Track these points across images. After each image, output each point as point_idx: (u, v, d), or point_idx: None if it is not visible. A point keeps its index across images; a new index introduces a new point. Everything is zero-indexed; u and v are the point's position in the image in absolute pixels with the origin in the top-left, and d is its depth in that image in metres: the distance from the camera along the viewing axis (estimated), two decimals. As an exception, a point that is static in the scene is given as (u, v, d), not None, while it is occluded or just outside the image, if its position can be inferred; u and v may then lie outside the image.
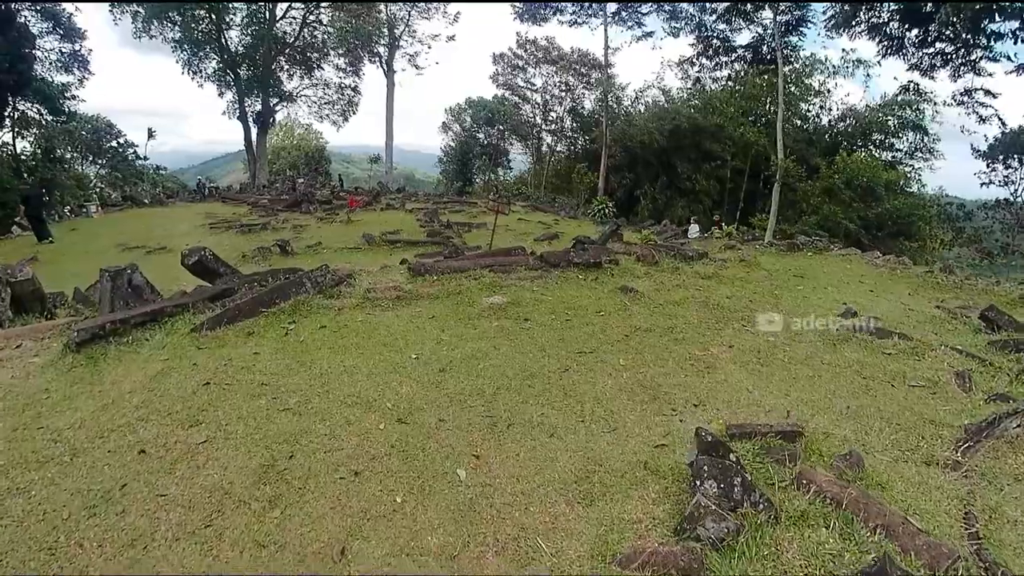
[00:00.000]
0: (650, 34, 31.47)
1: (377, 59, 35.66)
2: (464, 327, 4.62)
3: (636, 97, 33.85)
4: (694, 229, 15.83)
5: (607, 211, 24.70)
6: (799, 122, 32.89)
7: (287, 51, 36.00)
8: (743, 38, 31.05)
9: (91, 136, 40.54)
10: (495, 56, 36.38)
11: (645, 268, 7.04)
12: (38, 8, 26.08)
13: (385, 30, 33.90)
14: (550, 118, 37.35)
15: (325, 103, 38.13)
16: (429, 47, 36.22)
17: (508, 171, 44.13)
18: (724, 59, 30.66)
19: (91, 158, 41.44)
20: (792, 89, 30.57)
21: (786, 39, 27.72)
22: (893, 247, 22.42)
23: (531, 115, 38.83)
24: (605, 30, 29.27)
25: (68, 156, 39.60)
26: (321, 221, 15.41)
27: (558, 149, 39.50)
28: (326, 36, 35.71)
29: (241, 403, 3.29)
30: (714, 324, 5.18)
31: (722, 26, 28.60)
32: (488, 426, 3.08)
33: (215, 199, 26.60)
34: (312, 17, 35.48)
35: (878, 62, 27.39)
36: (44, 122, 29.42)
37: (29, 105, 26.72)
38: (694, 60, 31.03)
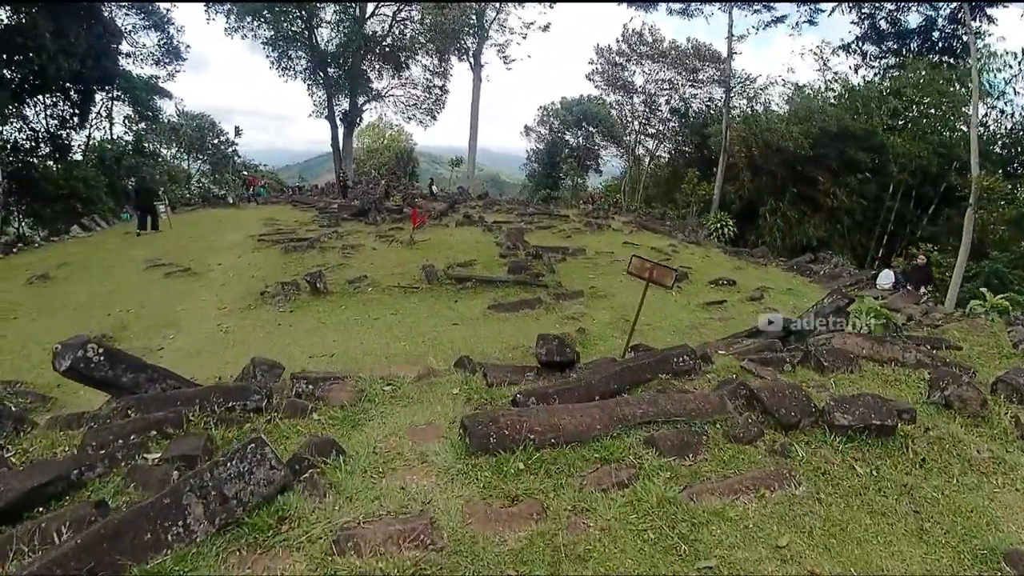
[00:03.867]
0: (782, 19, 26.41)
1: (465, 54, 33.20)
2: None
3: (755, 95, 28.82)
4: (886, 276, 11.13)
5: (727, 231, 20.30)
6: (965, 129, 26.60)
7: (376, 49, 34.47)
8: (913, 19, 25.25)
9: (195, 133, 41.55)
10: (597, 48, 32.66)
11: (978, 434, 3.22)
12: (133, 6, 25.73)
13: (474, 18, 31.27)
14: (654, 117, 33.03)
15: (412, 104, 36.39)
16: (524, 35, 33.31)
17: (598, 175, 40.40)
18: (892, 45, 24.90)
19: (194, 154, 42.64)
20: (956, 88, 24.52)
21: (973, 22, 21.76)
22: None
23: (629, 115, 34.69)
24: (730, 14, 24.66)
25: (173, 151, 40.77)
26: (380, 239, 12.54)
27: (659, 153, 35.05)
28: (415, 34, 33.83)
29: None
30: None
31: (890, 5, 23.03)
32: None
33: (286, 201, 25.11)
34: (403, 14, 33.72)
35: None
36: (138, 116, 29.52)
37: (119, 102, 26.60)
38: (855, 46, 25.51)
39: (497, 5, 32.16)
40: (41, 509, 2.36)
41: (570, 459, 2.54)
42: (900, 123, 24.90)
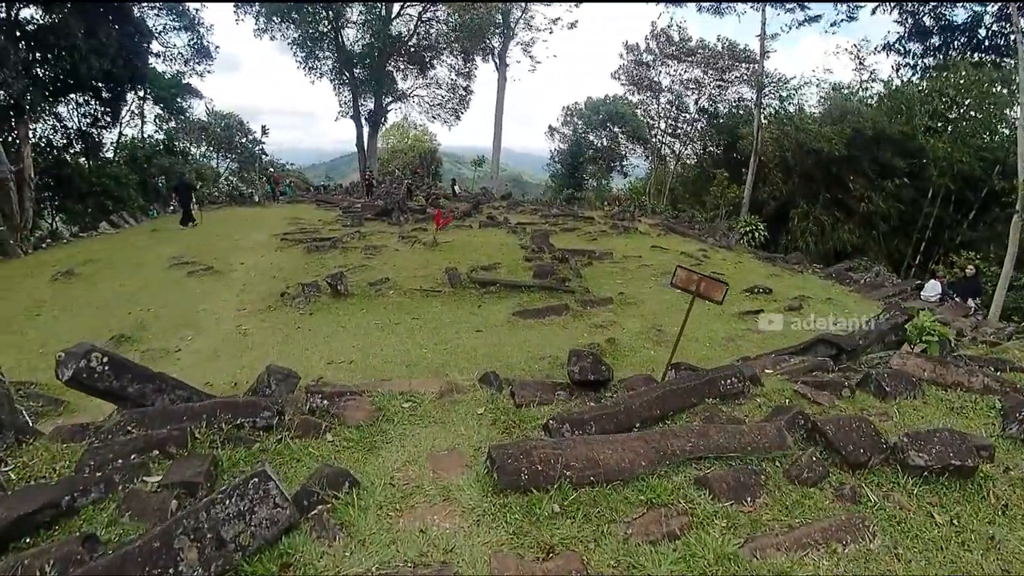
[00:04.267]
0: (816, 18, 25.66)
1: (490, 54, 33.02)
2: None
3: (788, 95, 27.99)
4: (932, 287, 10.49)
5: (757, 235, 19.65)
6: (1008, 131, 25.45)
7: (402, 50, 34.52)
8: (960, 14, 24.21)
9: (224, 132, 42.18)
10: (626, 45, 32.18)
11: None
12: (164, 7, 26.09)
13: (499, 16, 31.01)
14: (681, 119, 32.39)
15: (436, 104, 36.35)
16: (551, 31, 32.96)
17: (623, 177, 39.80)
18: (936, 42, 23.92)
19: (223, 153, 43.29)
20: (999, 89, 23.37)
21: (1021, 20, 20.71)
22: None
23: (655, 116, 34.09)
24: (763, 12, 23.98)
25: (202, 150, 41.45)
26: (403, 240, 12.36)
27: (685, 153, 34.37)
28: (440, 34, 33.81)
29: None
30: None
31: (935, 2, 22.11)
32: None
33: (311, 200, 25.26)
34: (428, 14, 33.72)
35: None
36: (168, 115, 30.02)
37: (150, 102, 27.06)
38: (898, 46, 24.59)
39: (523, 4, 31.94)
40: (29, 540, 2.16)
41: (612, 501, 2.24)
42: (940, 125, 23.92)
